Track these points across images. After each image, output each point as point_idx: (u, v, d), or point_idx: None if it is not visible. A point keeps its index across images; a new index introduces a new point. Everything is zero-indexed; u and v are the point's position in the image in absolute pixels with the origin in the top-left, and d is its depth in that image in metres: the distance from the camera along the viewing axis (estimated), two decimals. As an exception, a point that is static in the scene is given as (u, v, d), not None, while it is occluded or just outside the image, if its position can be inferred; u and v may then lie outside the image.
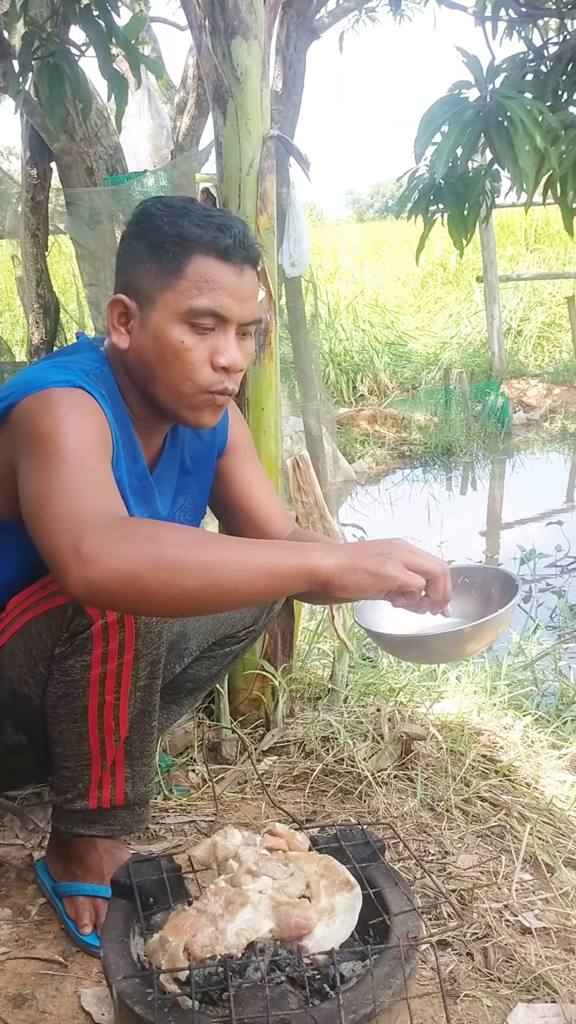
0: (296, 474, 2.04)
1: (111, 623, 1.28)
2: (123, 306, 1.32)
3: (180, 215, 1.28)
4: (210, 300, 1.27)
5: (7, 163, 11.01)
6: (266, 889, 1.00)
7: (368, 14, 5.71)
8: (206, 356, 1.29)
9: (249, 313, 1.32)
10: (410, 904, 1.06)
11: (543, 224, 11.21)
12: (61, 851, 1.48)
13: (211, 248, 1.26)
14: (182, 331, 1.28)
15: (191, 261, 1.27)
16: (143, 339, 1.30)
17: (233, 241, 1.27)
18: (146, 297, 1.30)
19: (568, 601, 3.82)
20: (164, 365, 1.30)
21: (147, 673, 1.36)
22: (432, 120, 2.14)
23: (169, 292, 1.27)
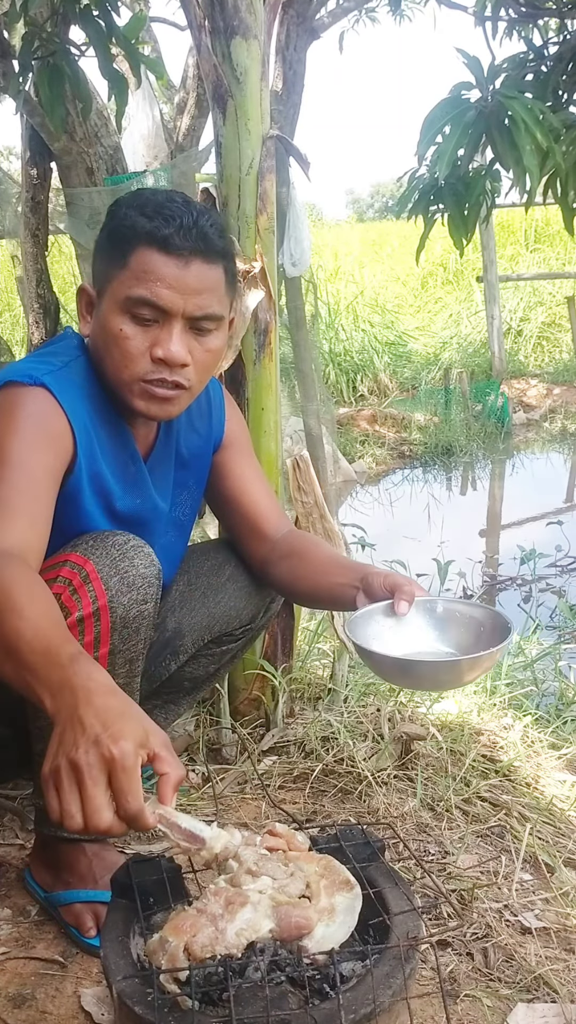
0: (296, 474, 2.04)
1: (87, 615, 1.27)
2: (88, 295, 1.37)
3: (139, 205, 1.30)
4: (146, 290, 1.28)
5: (7, 163, 11.02)
6: (266, 889, 1.00)
7: (368, 14, 5.71)
8: (145, 347, 1.30)
9: (197, 307, 1.30)
10: (410, 904, 1.06)
11: (543, 224, 11.21)
12: (48, 858, 1.46)
13: (151, 239, 1.27)
14: (122, 320, 1.30)
15: (135, 252, 1.28)
16: (96, 327, 1.35)
17: (175, 231, 1.27)
18: (100, 287, 1.34)
19: (568, 601, 3.82)
20: (107, 352, 1.33)
21: (126, 671, 1.34)
22: (434, 122, 2.13)
23: (115, 281, 1.30)
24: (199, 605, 1.63)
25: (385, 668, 1.34)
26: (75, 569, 1.28)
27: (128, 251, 1.29)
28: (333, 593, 1.51)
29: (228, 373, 1.93)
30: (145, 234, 1.28)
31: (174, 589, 1.63)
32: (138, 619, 1.32)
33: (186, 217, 1.28)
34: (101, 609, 1.28)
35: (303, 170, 2.05)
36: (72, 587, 1.27)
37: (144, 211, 1.29)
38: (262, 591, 1.69)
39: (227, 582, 1.64)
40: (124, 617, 1.30)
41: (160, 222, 1.28)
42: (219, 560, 1.66)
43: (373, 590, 1.42)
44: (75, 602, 1.27)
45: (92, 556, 1.29)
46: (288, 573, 1.59)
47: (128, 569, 1.30)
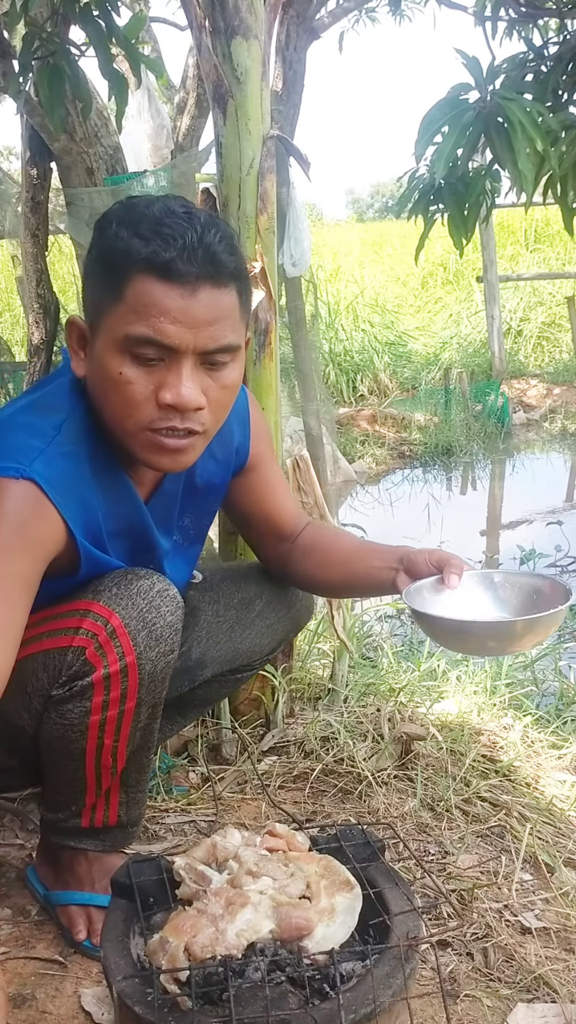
0: (296, 474, 2.04)
1: (114, 673, 1.22)
2: (79, 329, 1.19)
3: (131, 222, 1.12)
4: (147, 327, 1.10)
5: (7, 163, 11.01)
6: (266, 890, 1.01)
7: (368, 14, 5.71)
8: (150, 390, 1.13)
9: (209, 339, 1.13)
10: (410, 904, 1.06)
11: (543, 224, 11.21)
12: (51, 858, 1.46)
13: (150, 266, 1.09)
14: (120, 361, 1.12)
15: (131, 281, 1.10)
16: (91, 367, 1.18)
17: (178, 255, 1.09)
18: (93, 320, 1.16)
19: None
20: (106, 398, 1.16)
21: (148, 715, 1.31)
22: (432, 122, 2.13)
23: (110, 316, 1.12)
24: (225, 639, 1.61)
25: (441, 631, 1.32)
26: (99, 622, 1.21)
27: (123, 280, 1.10)
28: (370, 577, 1.46)
29: (228, 373, 1.93)
30: (142, 260, 1.09)
31: (202, 618, 1.59)
32: (164, 670, 1.28)
33: (189, 235, 1.10)
34: (129, 666, 1.22)
35: (303, 170, 2.05)
36: (98, 642, 1.21)
37: (139, 231, 1.10)
38: (286, 626, 1.68)
39: (256, 618, 1.63)
40: (152, 672, 1.25)
41: (159, 244, 1.09)
42: (250, 594, 1.63)
43: (417, 567, 1.38)
44: (100, 658, 1.21)
45: (118, 608, 1.21)
46: (315, 566, 1.54)
47: (156, 621, 1.23)
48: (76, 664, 1.22)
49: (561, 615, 1.26)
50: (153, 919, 1.08)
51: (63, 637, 1.23)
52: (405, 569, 1.40)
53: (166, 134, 3.93)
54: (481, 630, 1.30)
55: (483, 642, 1.34)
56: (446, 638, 1.37)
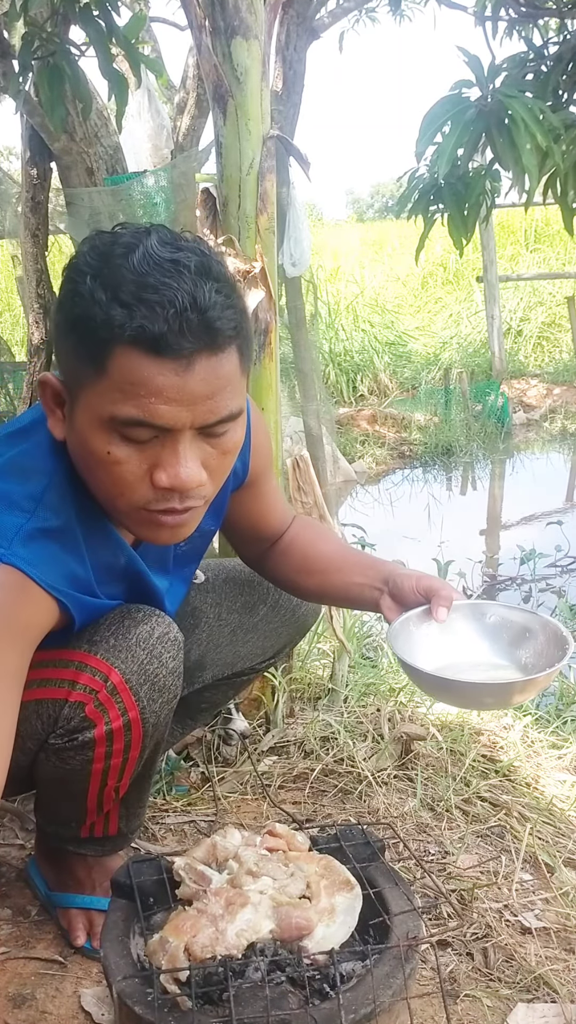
0: (296, 474, 2.04)
1: (116, 729, 1.17)
2: (53, 388, 1.05)
3: (107, 280, 0.95)
4: (137, 409, 0.96)
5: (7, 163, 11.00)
6: (266, 890, 1.00)
7: (368, 14, 5.71)
8: (144, 470, 1.01)
9: (208, 414, 0.99)
10: (410, 904, 1.06)
11: (543, 224, 11.21)
12: (50, 855, 1.46)
13: (137, 341, 0.93)
14: (107, 440, 0.99)
15: (113, 355, 0.95)
16: (73, 437, 1.04)
17: (171, 327, 0.93)
18: (70, 387, 1.02)
19: (568, 601, 3.82)
20: (93, 475, 1.04)
21: (152, 751, 1.27)
22: (433, 120, 2.13)
23: (90, 391, 0.98)
24: (226, 644, 1.59)
25: (428, 684, 1.24)
26: (98, 677, 1.14)
27: (104, 353, 0.95)
28: (348, 594, 1.39)
29: (228, 373, 1.92)
30: (127, 336, 0.93)
31: (203, 621, 1.57)
32: (168, 715, 1.24)
33: (180, 296, 0.93)
34: (132, 721, 1.18)
35: (303, 170, 2.05)
36: (98, 700, 1.15)
37: (119, 295, 0.93)
38: (290, 631, 1.66)
39: (259, 623, 1.61)
40: (156, 723, 1.21)
41: (145, 314, 0.92)
42: (254, 599, 1.60)
43: (403, 593, 1.30)
44: (101, 714, 1.16)
45: (117, 662, 1.15)
46: (292, 570, 1.47)
47: (158, 671, 1.18)
48: (75, 719, 1.17)
49: (557, 671, 1.18)
50: (153, 919, 1.08)
51: (57, 688, 1.16)
52: (390, 592, 1.32)
53: (166, 134, 3.93)
54: (472, 690, 1.21)
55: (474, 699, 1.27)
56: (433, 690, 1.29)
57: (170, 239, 0.98)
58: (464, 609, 1.29)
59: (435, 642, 1.27)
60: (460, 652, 1.28)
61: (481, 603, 1.32)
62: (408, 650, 1.22)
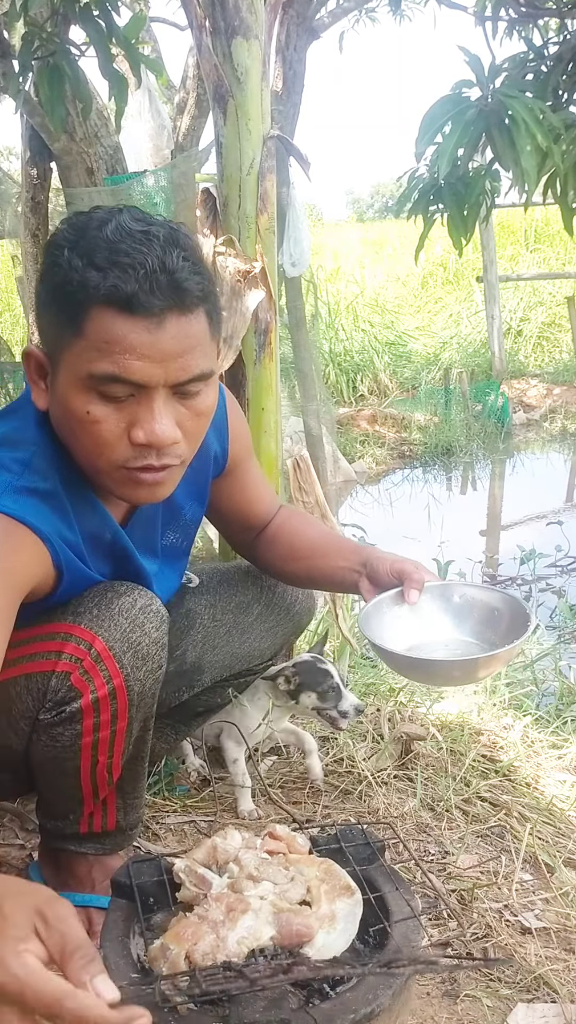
0: (296, 474, 2.05)
1: (102, 697, 1.19)
2: (36, 360, 1.11)
3: (83, 250, 1.02)
4: (112, 365, 1.02)
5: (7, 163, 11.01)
6: (267, 895, 1.00)
7: (368, 14, 5.71)
8: (121, 428, 1.07)
9: (180, 371, 1.06)
10: (410, 908, 1.05)
11: (543, 224, 11.21)
12: (51, 856, 1.46)
13: (110, 300, 1.01)
14: (86, 399, 1.05)
15: (89, 316, 1.02)
16: (55, 403, 1.11)
17: (139, 286, 1.00)
18: (51, 354, 1.09)
19: (568, 601, 3.82)
20: (74, 437, 1.10)
21: (140, 728, 1.29)
22: (434, 119, 2.13)
23: (68, 353, 1.05)
24: (223, 644, 1.60)
25: (398, 664, 1.32)
26: (82, 646, 1.17)
27: (80, 315, 1.02)
28: (332, 577, 1.45)
29: (228, 373, 1.93)
30: (101, 295, 1.01)
31: (198, 622, 1.58)
32: (153, 686, 1.26)
33: (150, 261, 1.01)
34: (117, 689, 1.20)
35: (303, 170, 2.05)
36: (83, 668, 1.18)
37: (93, 260, 1.01)
38: (286, 629, 1.67)
39: (254, 622, 1.62)
40: (140, 692, 1.23)
41: (118, 275, 1.00)
42: (247, 598, 1.62)
43: (379, 576, 1.36)
44: (86, 683, 1.18)
45: (100, 630, 1.18)
46: (280, 556, 1.52)
47: (140, 640, 1.20)
48: (62, 690, 1.19)
49: (520, 647, 1.24)
50: (153, 919, 1.08)
51: (45, 661, 1.19)
52: (367, 575, 1.38)
53: (166, 134, 3.94)
54: (440, 667, 1.27)
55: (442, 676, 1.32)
56: (402, 669, 1.35)
57: (141, 216, 1.07)
58: (435, 590, 1.35)
59: (407, 623, 1.32)
60: (431, 632, 1.33)
61: (451, 584, 1.39)
62: (378, 632, 1.27)
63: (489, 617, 1.32)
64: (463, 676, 1.31)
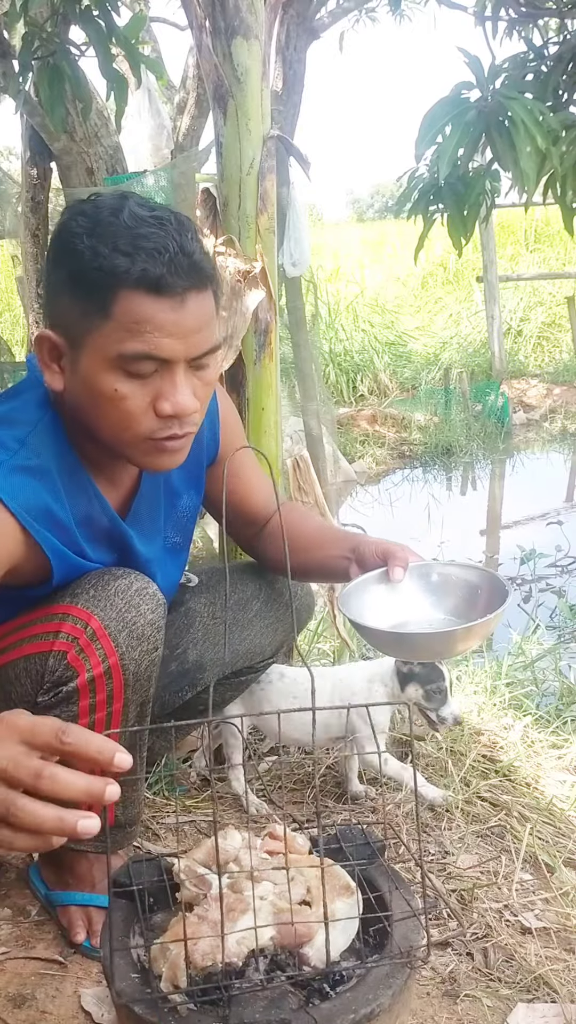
0: (296, 474, 2.05)
1: (97, 676, 1.21)
2: (51, 342, 1.16)
3: (103, 236, 1.08)
4: (143, 344, 1.10)
5: (7, 163, 11.01)
6: (267, 895, 1.00)
7: (368, 14, 5.72)
8: (147, 403, 1.14)
9: (197, 346, 1.14)
10: (409, 907, 1.05)
11: (543, 224, 11.21)
12: (52, 858, 1.47)
13: (141, 283, 1.08)
14: (115, 378, 1.12)
15: (117, 299, 1.08)
16: (75, 384, 1.16)
17: (168, 269, 1.08)
18: (73, 337, 1.14)
19: (568, 601, 3.82)
20: (100, 413, 1.15)
21: (136, 713, 1.31)
22: (434, 121, 2.13)
23: (96, 335, 1.11)
24: (223, 641, 1.61)
25: (379, 640, 1.34)
26: (79, 625, 1.21)
27: (108, 298, 1.08)
28: (325, 566, 1.49)
29: (228, 373, 1.93)
30: (132, 279, 1.07)
31: (198, 620, 1.59)
32: (149, 668, 1.28)
33: (171, 245, 1.08)
34: (112, 668, 1.22)
35: (303, 170, 2.05)
36: (78, 646, 1.21)
37: (118, 246, 1.07)
38: (286, 625, 1.68)
39: (254, 619, 1.63)
40: (136, 672, 1.25)
41: (144, 259, 1.07)
42: (247, 595, 1.63)
43: (365, 559, 1.40)
44: (83, 662, 1.21)
45: (96, 610, 1.21)
46: (279, 551, 1.56)
47: (136, 620, 1.23)
48: (59, 669, 1.21)
49: (498, 619, 1.26)
50: (153, 919, 1.08)
51: (43, 642, 1.22)
52: (356, 560, 1.42)
53: (166, 134, 3.94)
54: (416, 641, 1.31)
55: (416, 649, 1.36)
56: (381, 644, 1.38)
57: (142, 201, 1.14)
58: (418, 569, 1.38)
59: (389, 603, 1.35)
60: (413, 610, 1.36)
61: (432, 563, 1.41)
62: (359, 610, 1.30)
63: (469, 594, 1.35)
64: (442, 649, 1.33)
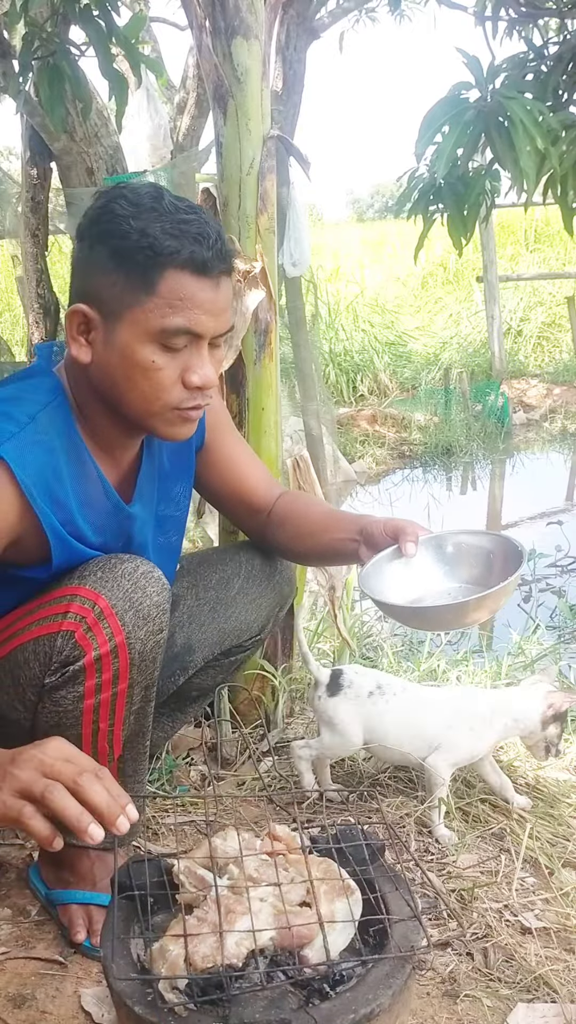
0: (296, 474, 2.05)
1: (104, 654, 1.25)
2: (84, 316, 1.22)
3: (150, 220, 1.17)
4: (184, 319, 1.19)
5: (7, 163, 11.00)
6: (267, 896, 1.00)
7: (368, 14, 5.72)
8: (177, 375, 1.22)
9: (223, 325, 1.25)
10: (410, 907, 1.05)
11: (543, 224, 11.20)
12: (52, 857, 1.47)
13: (188, 264, 1.17)
14: (152, 350, 1.20)
15: (164, 277, 1.17)
16: (108, 355, 1.22)
17: (212, 254, 1.19)
18: (111, 311, 1.20)
19: (568, 601, 3.81)
20: (132, 384, 1.23)
21: (141, 697, 1.33)
22: (433, 120, 2.13)
23: (138, 309, 1.19)
24: (208, 620, 1.62)
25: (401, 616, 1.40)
26: (87, 604, 1.24)
27: (155, 276, 1.17)
28: (334, 549, 1.53)
29: (228, 373, 1.93)
30: (181, 259, 1.17)
31: (182, 603, 1.61)
32: (154, 650, 1.31)
33: (211, 232, 1.20)
34: (119, 646, 1.25)
35: (303, 170, 2.05)
36: (86, 625, 1.24)
37: (165, 228, 1.17)
38: (270, 600, 1.69)
39: (237, 595, 1.64)
40: (142, 651, 1.28)
41: (189, 242, 1.17)
42: (227, 573, 1.65)
43: (375, 539, 1.45)
44: (90, 640, 1.24)
45: (104, 590, 1.25)
46: (287, 537, 1.61)
47: (142, 600, 1.27)
48: (66, 648, 1.25)
49: (515, 584, 1.29)
50: (153, 919, 1.08)
51: (52, 623, 1.26)
52: (364, 541, 1.46)
53: (163, 133, 3.93)
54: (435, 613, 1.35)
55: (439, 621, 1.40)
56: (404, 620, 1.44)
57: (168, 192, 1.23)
58: (430, 543, 1.41)
59: (406, 577, 1.38)
60: (430, 582, 1.40)
61: (444, 534, 1.44)
62: (379, 588, 1.34)
63: (484, 561, 1.38)
64: (464, 618, 1.34)
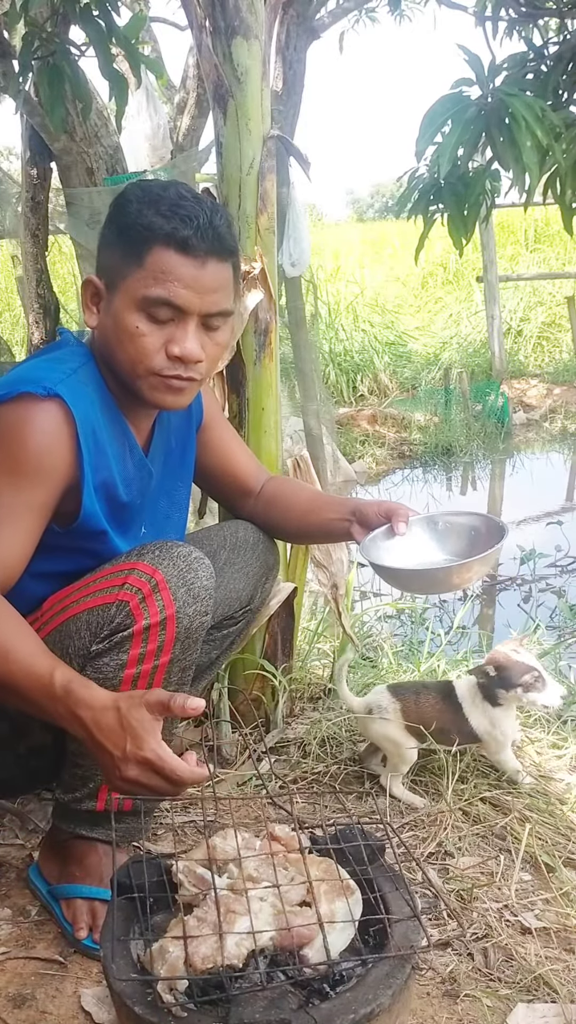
0: (296, 474, 2.05)
1: (153, 624, 1.32)
2: (94, 287, 1.38)
3: (150, 202, 1.31)
4: (164, 290, 1.30)
5: (7, 163, 11.00)
6: (266, 896, 1.00)
7: (368, 14, 5.71)
8: (161, 343, 1.33)
9: (212, 304, 1.33)
10: (410, 907, 1.05)
11: (543, 224, 11.19)
12: (58, 852, 1.47)
13: (170, 240, 1.29)
14: (138, 317, 1.32)
15: (151, 251, 1.30)
16: (107, 321, 1.36)
17: (194, 233, 1.29)
18: (111, 281, 1.35)
19: (568, 601, 3.81)
20: (121, 347, 1.34)
21: (177, 679, 1.38)
22: (434, 118, 2.13)
23: (129, 279, 1.32)
24: None
25: (402, 580, 1.57)
26: (144, 578, 1.33)
27: (144, 250, 1.30)
28: (326, 528, 1.67)
29: (228, 373, 1.93)
30: (163, 235, 1.29)
31: None
32: (199, 630, 1.37)
33: (202, 216, 1.30)
34: (168, 619, 1.32)
35: (303, 170, 2.05)
36: (141, 595, 1.32)
37: (159, 209, 1.30)
38: (256, 568, 1.74)
39: (224, 567, 1.68)
40: (188, 627, 1.35)
41: (177, 222, 1.29)
42: (213, 546, 1.69)
43: (368, 518, 1.58)
44: (143, 611, 1.32)
45: (161, 566, 1.34)
46: (276, 517, 1.72)
47: (194, 581, 1.35)
48: (119, 616, 1.32)
49: (497, 553, 1.49)
50: (154, 919, 1.08)
51: (109, 594, 1.34)
52: (358, 520, 1.60)
53: (161, 133, 3.93)
54: (431, 575, 1.51)
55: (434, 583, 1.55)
56: (403, 583, 1.62)
57: (190, 188, 1.36)
58: (420, 522, 1.59)
59: (401, 551, 1.54)
60: (422, 554, 1.56)
61: (433, 514, 1.61)
62: (379, 557, 1.51)
63: (469, 535, 1.56)
64: (450, 580, 1.50)
